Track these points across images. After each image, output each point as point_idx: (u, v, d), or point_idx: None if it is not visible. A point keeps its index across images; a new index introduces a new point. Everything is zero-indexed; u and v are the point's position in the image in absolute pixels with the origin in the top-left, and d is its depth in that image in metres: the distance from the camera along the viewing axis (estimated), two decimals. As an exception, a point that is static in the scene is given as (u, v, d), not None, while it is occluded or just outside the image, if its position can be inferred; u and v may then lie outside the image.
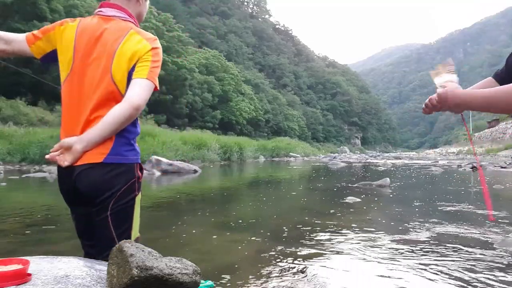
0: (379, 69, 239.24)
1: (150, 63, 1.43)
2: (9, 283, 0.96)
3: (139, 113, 1.41)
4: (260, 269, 2.80)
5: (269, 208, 5.95)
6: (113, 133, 1.40)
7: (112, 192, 1.41)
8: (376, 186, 8.68)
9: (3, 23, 19.67)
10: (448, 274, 2.69)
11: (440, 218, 4.81)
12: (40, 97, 20.23)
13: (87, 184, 1.40)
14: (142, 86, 1.40)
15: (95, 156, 1.39)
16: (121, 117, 1.36)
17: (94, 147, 1.39)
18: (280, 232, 4.08)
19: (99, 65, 1.43)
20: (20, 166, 12.52)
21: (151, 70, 1.43)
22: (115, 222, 1.43)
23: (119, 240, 1.41)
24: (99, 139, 1.38)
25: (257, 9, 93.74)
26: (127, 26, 1.48)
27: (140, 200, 1.54)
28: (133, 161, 1.48)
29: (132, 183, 1.46)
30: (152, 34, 1.53)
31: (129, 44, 1.43)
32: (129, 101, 1.37)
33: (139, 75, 1.41)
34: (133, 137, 1.50)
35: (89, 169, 1.39)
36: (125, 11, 1.52)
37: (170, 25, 34.95)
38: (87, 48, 1.45)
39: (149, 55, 1.44)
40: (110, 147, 1.41)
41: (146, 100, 1.41)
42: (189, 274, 1.06)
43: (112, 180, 1.41)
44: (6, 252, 3.14)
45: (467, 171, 15.14)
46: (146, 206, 5.87)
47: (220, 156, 21.11)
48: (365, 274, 2.73)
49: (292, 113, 58.57)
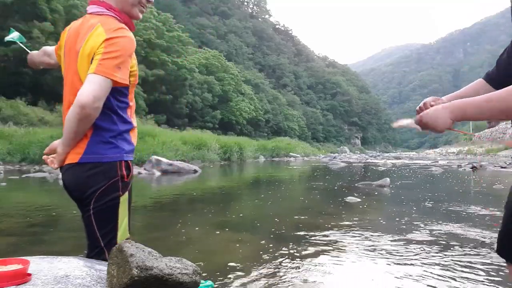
0: (379, 69, 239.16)
1: (101, 55, 1.34)
2: (9, 283, 0.96)
3: (88, 112, 1.31)
4: (260, 269, 2.80)
5: (269, 208, 5.95)
6: (76, 135, 1.37)
7: (91, 191, 1.40)
8: (376, 186, 8.68)
9: (3, 23, 19.67)
10: (448, 274, 2.69)
11: (440, 218, 4.81)
12: (40, 97, 20.23)
13: (69, 184, 1.45)
14: (89, 82, 1.32)
15: (72, 156, 1.42)
16: (71, 118, 1.34)
17: (70, 148, 1.41)
18: (280, 232, 4.08)
19: (71, 66, 1.46)
20: (20, 166, 12.52)
21: (101, 62, 1.33)
22: (98, 222, 1.42)
23: (103, 240, 1.42)
24: (67, 141, 1.40)
25: (257, 9, 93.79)
26: (96, 21, 1.42)
27: (129, 201, 1.50)
28: (113, 159, 1.43)
29: (113, 182, 1.42)
30: (117, 23, 1.43)
31: (91, 40, 1.39)
32: (76, 101, 1.32)
33: (90, 71, 1.34)
34: (113, 135, 1.43)
35: (69, 169, 1.44)
36: (102, 5, 1.47)
37: (170, 25, 34.95)
38: (68, 50, 1.50)
39: (101, 47, 1.35)
40: (85, 146, 1.41)
41: (96, 96, 1.30)
42: (189, 274, 1.06)
43: (88, 179, 1.40)
44: (6, 252, 3.14)
45: (467, 171, 15.14)
46: (146, 206, 5.87)
47: (220, 156, 21.11)
48: (365, 274, 2.73)
49: (292, 113, 58.57)
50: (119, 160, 1.44)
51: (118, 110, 1.45)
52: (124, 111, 1.48)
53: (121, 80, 1.36)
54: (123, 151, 1.46)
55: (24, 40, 2.06)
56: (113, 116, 1.44)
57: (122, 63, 1.36)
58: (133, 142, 1.53)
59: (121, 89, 1.43)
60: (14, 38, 2.02)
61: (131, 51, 1.41)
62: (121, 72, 1.36)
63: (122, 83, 1.37)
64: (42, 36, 20.03)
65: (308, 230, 4.15)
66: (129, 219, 1.52)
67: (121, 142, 1.46)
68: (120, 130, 1.46)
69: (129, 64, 1.41)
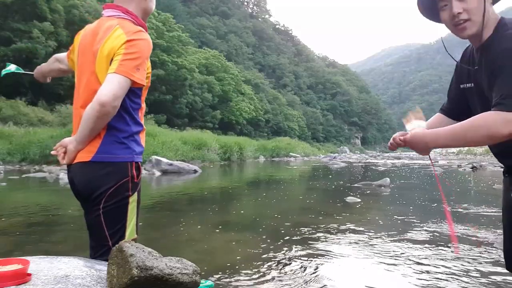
0: (379, 69, 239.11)
1: (122, 56, 1.38)
2: (9, 283, 0.96)
3: (108, 110, 1.34)
4: (260, 269, 2.80)
5: (269, 208, 5.95)
6: (92, 132, 1.39)
7: (102, 191, 1.41)
8: (376, 186, 8.67)
9: (3, 23, 19.68)
10: (448, 274, 2.69)
11: (440, 218, 4.81)
12: (40, 97, 20.22)
13: (78, 182, 1.46)
14: (109, 82, 1.35)
15: (84, 155, 1.43)
16: (90, 115, 1.36)
17: (83, 146, 1.43)
18: (280, 232, 4.08)
19: (86, 66, 1.49)
20: (20, 166, 12.51)
21: (122, 63, 1.37)
22: (107, 221, 1.43)
23: (111, 239, 1.43)
24: (81, 139, 1.42)
25: (257, 9, 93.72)
26: (114, 23, 1.46)
27: (138, 201, 1.52)
28: (124, 159, 1.45)
29: (124, 182, 1.44)
30: (135, 26, 1.47)
31: (109, 41, 1.42)
32: (95, 99, 1.34)
33: (110, 71, 1.37)
34: (126, 136, 1.46)
35: (80, 167, 1.45)
36: (120, 9, 1.51)
37: (170, 25, 34.92)
38: (83, 51, 1.52)
39: (122, 49, 1.39)
40: (98, 145, 1.42)
41: (116, 94, 1.34)
42: (189, 274, 1.06)
43: (100, 178, 1.41)
44: (6, 252, 3.14)
45: (467, 171, 15.14)
46: (146, 206, 5.87)
47: (220, 156, 21.09)
48: (365, 274, 2.73)
49: (292, 113, 58.49)
50: (130, 161, 1.47)
51: (131, 111, 1.47)
52: (136, 112, 1.50)
53: (139, 80, 1.40)
54: (134, 152, 1.48)
55: (21, 70, 2.12)
56: (126, 117, 1.46)
57: (141, 64, 1.41)
58: (142, 144, 1.55)
59: (135, 90, 1.46)
60: (11, 70, 2.09)
61: (149, 53, 1.46)
62: (139, 73, 1.40)
63: (140, 83, 1.42)
64: (42, 36, 20.03)
65: (308, 230, 4.15)
66: (137, 220, 1.54)
67: (132, 143, 1.48)
68: (132, 131, 1.48)
69: (146, 65, 1.45)
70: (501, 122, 1.12)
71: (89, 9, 23.59)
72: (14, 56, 19.01)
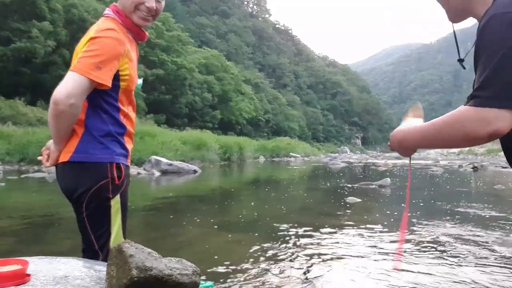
0: (380, 68, 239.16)
1: (82, 53, 1.33)
2: (8, 283, 0.95)
3: (62, 108, 1.28)
4: (260, 269, 2.79)
5: (269, 208, 5.94)
6: (58, 132, 1.36)
7: (81, 192, 1.39)
8: (377, 186, 8.67)
9: (3, 23, 19.66)
10: (448, 274, 2.69)
11: (441, 218, 4.80)
12: (39, 97, 20.20)
13: (60, 183, 1.46)
14: (65, 79, 1.31)
15: (64, 155, 1.42)
16: (49, 114, 1.34)
17: (60, 146, 1.42)
18: (280, 232, 4.07)
19: None
20: (19, 166, 12.50)
21: (79, 60, 1.32)
22: (91, 224, 1.42)
23: (97, 243, 1.42)
24: (53, 139, 1.41)
25: (257, 8, 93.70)
26: (97, 22, 1.45)
27: (123, 205, 1.48)
28: (102, 160, 1.40)
29: (103, 184, 1.40)
30: (110, 24, 1.41)
31: (82, 40, 1.41)
32: (51, 97, 1.30)
33: (69, 68, 1.33)
34: (102, 135, 1.41)
35: (60, 168, 1.44)
36: (112, 7, 1.49)
37: (169, 24, 34.95)
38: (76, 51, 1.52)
39: (85, 46, 1.35)
40: (76, 145, 1.40)
41: (71, 92, 1.28)
42: (189, 274, 1.05)
43: (77, 179, 1.40)
44: (5, 252, 3.13)
45: (468, 171, 15.14)
46: (146, 206, 5.86)
47: (220, 156, 21.08)
48: (365, 274, 2.72)
49: (292, 113, 58.51)
50: (110, 162, 1.42)
51: (109, 110, 1.43)
52: (116, 113, 1.45)
53: (98, 80, 1.32)
54: (114, 153, 1.43)
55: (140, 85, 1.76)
56: (103, 115, 1.42)
57: (103, 62, 1.33)
58: (127, 147, 1.51)
59: (107, 91, 1.40)
60: (140, 84, 1.71)
61: (115, 52, 1.36)
62: (101, 72, 1.32)
63: (100, 83, 1.33)
64: (41, 35, 20.02)
65: (308, 230, 4.14)
66: (124, 224, 1.49)
67: (112, 143, 1.44)
68: (110, 131, 1.43)
69: (113, 66, 1.36)
70: (476, 120, 0.87)
71: (89, 9, 23.57)
72: (13, 56, 19.00)
